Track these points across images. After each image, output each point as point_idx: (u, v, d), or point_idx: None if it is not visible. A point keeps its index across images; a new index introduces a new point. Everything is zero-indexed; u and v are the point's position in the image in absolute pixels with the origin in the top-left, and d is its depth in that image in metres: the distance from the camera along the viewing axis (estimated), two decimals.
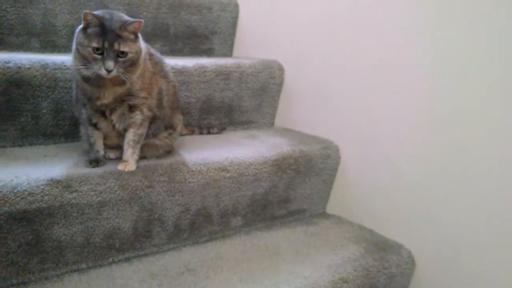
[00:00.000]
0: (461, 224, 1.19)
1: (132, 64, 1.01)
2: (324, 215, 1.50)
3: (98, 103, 1.05)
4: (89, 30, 0.97)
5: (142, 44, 1.07)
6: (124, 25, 0.98)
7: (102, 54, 0.97)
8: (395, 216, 1.34)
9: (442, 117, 1.21)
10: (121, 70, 0.99)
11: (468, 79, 1.17)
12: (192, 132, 1.45)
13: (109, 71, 0.97)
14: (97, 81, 1.02)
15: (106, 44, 0.96)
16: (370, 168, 1.39)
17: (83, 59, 0.98)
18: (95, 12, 0.98)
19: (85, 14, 0.97)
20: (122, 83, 1.03)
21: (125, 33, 0.99)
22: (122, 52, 0.98)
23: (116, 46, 0.97)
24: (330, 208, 1.52)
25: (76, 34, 1.00)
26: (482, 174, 1.15)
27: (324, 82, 1.51)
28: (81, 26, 0.99)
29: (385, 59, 1.34)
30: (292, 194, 1.41)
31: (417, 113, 1.27)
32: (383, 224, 1.37)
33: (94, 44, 0.96)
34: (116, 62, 0.97)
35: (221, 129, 1.52)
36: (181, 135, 1.34)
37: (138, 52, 1.02)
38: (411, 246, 1.30)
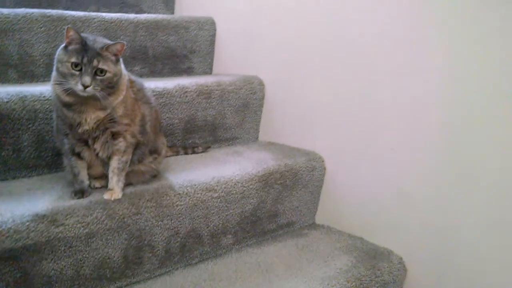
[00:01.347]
0: (452, 228, 1.21)
1: (111, 86, 1.01)
2: (313, 226, 1.51)
3: (80, 130, 1.04)
4: (70, 47, 0.98)
5: (124, 71, 1.07)
6: (106, 45, 1.00)
7: (80, 70, 0.97)
8: (384, 223, 1.35)
9: (432, 123, 1.23)
10: (98, 88, 0.98)
11: (455, 90, 1.19)
12: (177, 153, 1.45)
13: (85, 87, 0.96)
14: (77, 107, 1.02)
15: (85, 60, 0.97)
16: (357, 177, 1.41)
17: (62, 77, 0.98)
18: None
19: (68, 29, 0.98)
20: (103, 108, 1.03)
21: (106, 53, 1.00)
22: (101, 71, 0.98)
23: (95, 62, 0.97)
24: (319, 219, 1.53)
25: (57, 53, 1.01)
26: (475, 179, 1.16)
27: (305, 94, 1.52)
28: (62, 45, 1.00)
29: (359, 71, 1.36)
30: (281, 207, 1.41)
31: (405, 120, 1.28)
32: (373, 231, 1.38)
33: (73, 59, 0.97)
34: (93, 79, 0.97)
35: (206, 148, 1.52)
36: (166, 156, 1.34)
37: (118, 75, 1.02)
38: (402, 252, 1.32)
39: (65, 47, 0.99)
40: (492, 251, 1.14)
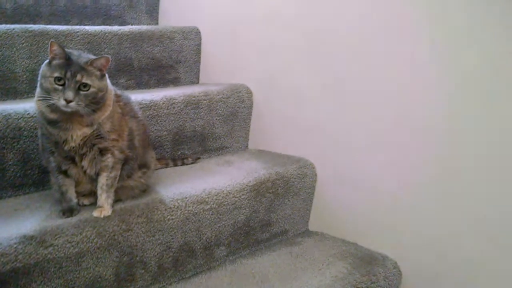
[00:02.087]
0: (446, 232, 1.21)
1: (96, 101, 0.99)
2: (307, 233, 1.50)
3: (66, 147, 1.02)
4: (54, 62, 0.97)
5: (110, 86, 1.06)
6: (90, 60, 0.98)
7: (63, 85, 0.95)
8: (377, 227, 1.35)
9: (422, 129, 1.23)
10: (82, 104, 0.96)
11: (450, 102, 1.20)
12: (166, 165, 1.43)
13: (67, 101, 0.94)
14: (63, 124, 1.00)
15: (68, 75, 0.95)
16: (348, 183, 1.40)
17: (46, 93, 0.96)
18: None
19: (51, 43, 0.96)
20: (90, 124, 1.01)
21: (90, 68, 0.98)
22: (85, 85, 0.96)
23: (78, 77, 0.96)
24: (312, 225, 1.52)
25: (41, 69, 0.99)
26: (466, 183, 1.17)
27: (294, 100, 1.52)
28: (47, 60, 0.99)
29: (346, 79, 1.36)
30: (273, 216, 1.40)
31: (393, 126, 1.28)
32: (367, 237, 1.38)
33: (56, 74, 0.95)
34: (76, 94, 0.95)
35: (196, 159, 1.50)
36: (156, 169, 1.32)
37: (103, 90, 1.00)
38: (396, 256, 1.31)
39: (49, 62, 0.98)
40: (486, 255, 1.14)
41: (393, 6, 1.24)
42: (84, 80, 0.96)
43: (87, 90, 0.97)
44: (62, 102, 0.95)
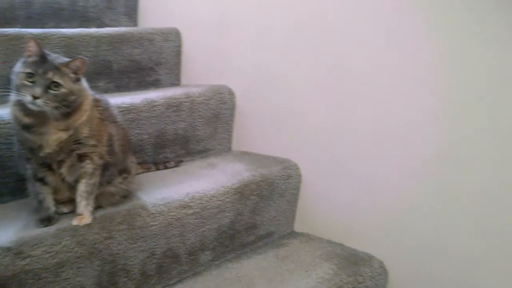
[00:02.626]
0: (433, 231, 1.21)
1: (67, 105, 0.95)
2: (292, 234, 1.49)
3: (42, 154, 0.99)
4: (28, 60, 0.95)
5: (88, 90, 1.03)
6: (66, 62, 0.96)
7: (34, 82, 0.92)
8: (363, 228, 1.35)
9: (408, 123, 1.23)
10: (50, 103, 0.93)
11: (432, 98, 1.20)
12: (148, 170, 1.40)
13: (34, 98, 0.91)
14: (37, 128, 0.97)
15: (40, 71, 0.92)
16: (333, 183, 1.40)
17: (15, 89, 0.94)
18: None
19: (28, 38, 0.94)
20: (65, 128, 0.98)
21: (65, 69, 0.96)
22: (56, 85, 0.93)
23: (50, 74, 0.93)
24: (298, 227, 1.51)
25: (15, 66, 0.96)
26: (455, 182, 1.17)
27: (277, 101, 1.51)
28: (23, 58, 0.96)
29: (332, 80, 1.35)
30: (259, 219, 1.38)
31: (380, 126, 1.28)
32: (353, 237, 1.37)
33: (28, 70, 0.92)
34: (45, 92, 0.92)
35: (178, 162, 1.48)
36: (137, 174, 1.29)
37: (76, 94, 0.97)
38: (382, 256, 1.31)
39: (24, 60, 0.96)
40: (475, 253, 1.15)
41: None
42: (56, 79, 0.93)
43: (58, 90, 0.94)
44: (28, 98, 0.91)
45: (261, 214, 1.39)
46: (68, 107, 0.96)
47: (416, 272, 1.25)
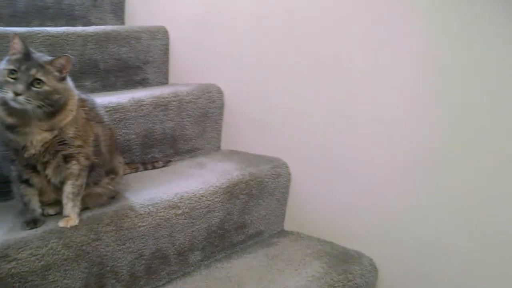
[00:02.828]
0: (422, 228, 1.22)
1: (50, 104, 0.94)
2: (282, 233, 1.49)
3: (26, 154, 0.97)
4: (13, 57, 0.93)
5: (74, 90, 1.02)
6: (50, 59, 0.95)
7: (16, 79, 0.91)
8: (353, 225, 1.35)
9: (398, 124, 1.23)
10: (32, 101, 0.91)
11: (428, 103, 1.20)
12: (136, 170, 1.39)
13: (16, 94, 0.89)
14: (21, 129, 0.95)
15: (23, 68, 0.91)
16: (322, 181, 1.40)
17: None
18: None
19: (13, 36, 0.93)
20: (50, 129, 0.97)
21: (49, 67, 0.94)
22: (39, 82, 0.92)
23: (33, 71, 0.91)
24: (288, 225, 1.51)
25: None
26: (444, 179, 1.17)
27: (265, 99, 1.50)
28: (7, 56, 0.95)
29: (320, 76, 1.35)
30: (248, 218, 1.38)
31: (369, 123, 1.28)
32: (342, 235, 1.37)
33: (11, 66, 0.91)
34: (28, 89, 0.91)
35: (167, 162, 1.47)
36: (125, 174, 1.28)
37: (60, 93, 0.96)
38: (372, 253, 1.32)
39: (8, 58, 0.94)
40: (464, 250, 1.16)
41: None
42: (39, 76, 0.92)
43: (40, 88, 0.92)
44: (10, 95, 0.90)
45: (251, 213, 1.38)
46: (52, 106, 0.95)
47: (406, 269, 1.25)
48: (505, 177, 1.08)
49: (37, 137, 0.96)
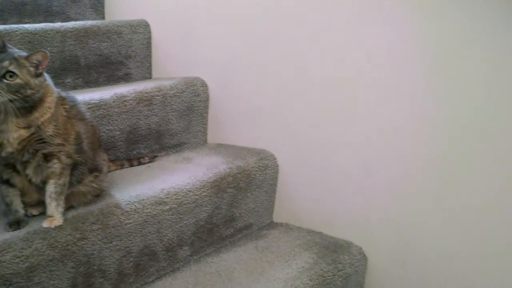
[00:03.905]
0: (412, 216, 1.22)
1: (23, 98, 0.92)
2: (272, 225, 1.48)
3: (3, 153, 0.95)
4: None
5: (52, 87, 1.00)
6: (26, 54, 0.93)
7: None
8: (341, 215, 1.35)
9: (386, 116, 1.23)
10: (4, 95, 0.89)
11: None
12: (121, 166, 1.37)
13: None
14: None
15: None
16: (310, 172, 1.39)
17: None
18: None
19: None
20: (27, 126, 0.95)
21: (24, 61, 0.92)
22: (11, 75, 0.90)
23: (5, 63, 0.90)
24: (277, 217, 1.50)
25: None
26: (433, 169, 1.17)
27: (250, 91, 1.49)
28: None
29: (307, 67, 1.34)
30: (237, 211, 1.37)
31: (357, 114, 1.28)
32: (331, 225, 1.37)
33: None
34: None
35: (153, 157, 1.45)
36: (110, 171, 1.26)
37: (34, 88, 0.93)
38: (361, 242, 1.32)
39: None
40: (453, 238, 1.16)
41: None
42: (11, 69, 0.90)
43: (12, 80, 0.90)
44: None
45: (239, 207, 1.37)
46: (26, 102, 0.93)
47: (396, 257, 1.26)
48: (506, 177, 1.08)
49: (13, 134, 0.94)
